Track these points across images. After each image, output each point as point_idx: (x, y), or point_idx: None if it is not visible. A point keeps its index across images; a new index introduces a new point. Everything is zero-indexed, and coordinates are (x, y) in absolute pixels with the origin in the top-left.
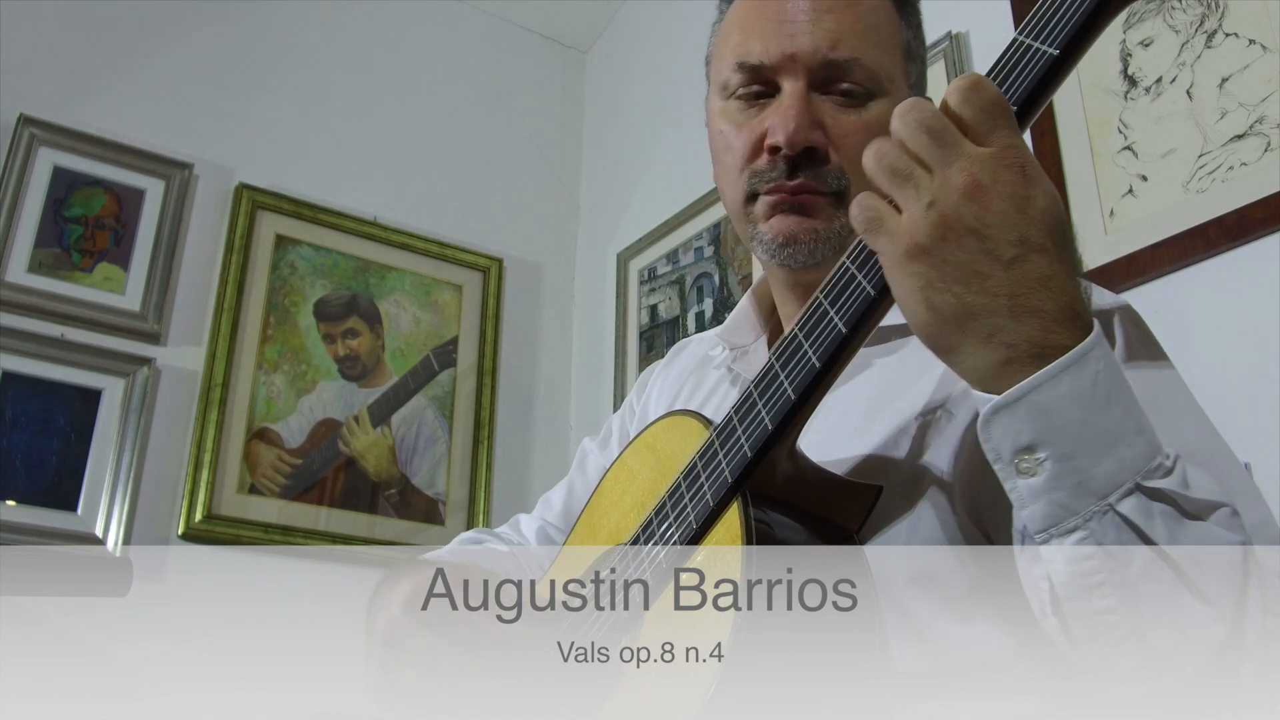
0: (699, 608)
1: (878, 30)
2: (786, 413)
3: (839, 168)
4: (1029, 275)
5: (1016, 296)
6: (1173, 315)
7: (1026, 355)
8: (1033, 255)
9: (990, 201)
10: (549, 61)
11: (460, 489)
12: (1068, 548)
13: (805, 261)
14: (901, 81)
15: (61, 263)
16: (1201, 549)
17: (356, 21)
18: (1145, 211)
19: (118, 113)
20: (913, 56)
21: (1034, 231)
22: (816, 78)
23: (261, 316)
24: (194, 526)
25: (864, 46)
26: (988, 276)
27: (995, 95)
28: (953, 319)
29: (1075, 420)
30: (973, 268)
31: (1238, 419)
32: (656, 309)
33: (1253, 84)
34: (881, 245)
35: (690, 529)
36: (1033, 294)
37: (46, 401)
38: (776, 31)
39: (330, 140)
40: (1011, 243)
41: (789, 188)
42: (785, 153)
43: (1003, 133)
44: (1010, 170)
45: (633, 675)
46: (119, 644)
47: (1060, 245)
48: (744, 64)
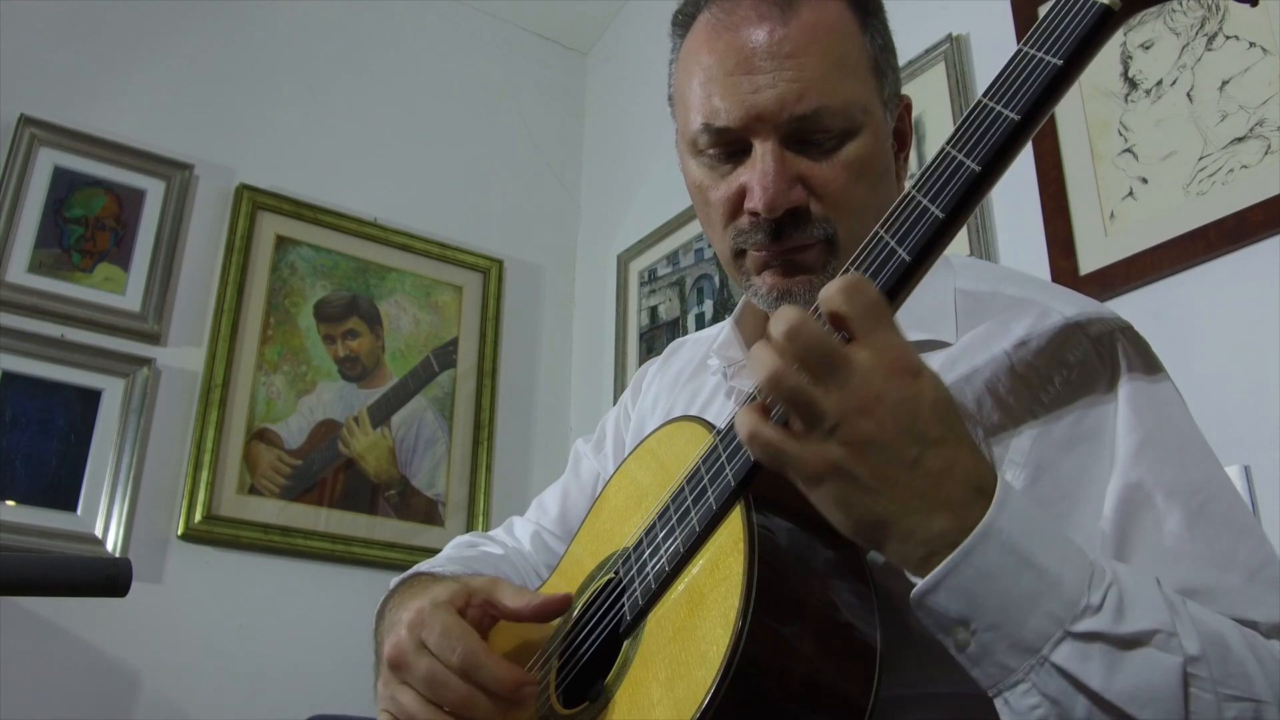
0: (702, 610)
1: (842, 63)
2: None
3: (824, 217)
4: (932, 471)
5: (924, 496)
6: (1173, 317)
7: (945, 546)
8: (931, 450)
9: (884, 413)
10: (550, 63)
11: (460, 490)
12: (1015, 701)
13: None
14: (875, 103)
15: (62, 263)
16: (1137, 684)
17: (357, 22)
18: (1145, 214)
19: (118, 113)
20: (882, 72)
21: (929, 427)
22: (786, 134)
23: (261, 317)
24: (194, 527)
25: (831, 88)
26: (894, 482)
27: (875, 297)
28: (872, 526)
29: (993, 594)
30: (879, 477)
31: (1237, 421)
32: (657, 310)
33: (1253, 87)
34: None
35: (693, 532)
36: (939, 489)
37: (46, 402)
38: (739, 89)
39: (331, 141)
40: (910, 444)
41: (774, 248)
42: (766, 218)
43: (883, 334)
44: (896, 376)
45: (635, 680)
46: (119, 644)
47: (954, 429)
48: (710, 126)
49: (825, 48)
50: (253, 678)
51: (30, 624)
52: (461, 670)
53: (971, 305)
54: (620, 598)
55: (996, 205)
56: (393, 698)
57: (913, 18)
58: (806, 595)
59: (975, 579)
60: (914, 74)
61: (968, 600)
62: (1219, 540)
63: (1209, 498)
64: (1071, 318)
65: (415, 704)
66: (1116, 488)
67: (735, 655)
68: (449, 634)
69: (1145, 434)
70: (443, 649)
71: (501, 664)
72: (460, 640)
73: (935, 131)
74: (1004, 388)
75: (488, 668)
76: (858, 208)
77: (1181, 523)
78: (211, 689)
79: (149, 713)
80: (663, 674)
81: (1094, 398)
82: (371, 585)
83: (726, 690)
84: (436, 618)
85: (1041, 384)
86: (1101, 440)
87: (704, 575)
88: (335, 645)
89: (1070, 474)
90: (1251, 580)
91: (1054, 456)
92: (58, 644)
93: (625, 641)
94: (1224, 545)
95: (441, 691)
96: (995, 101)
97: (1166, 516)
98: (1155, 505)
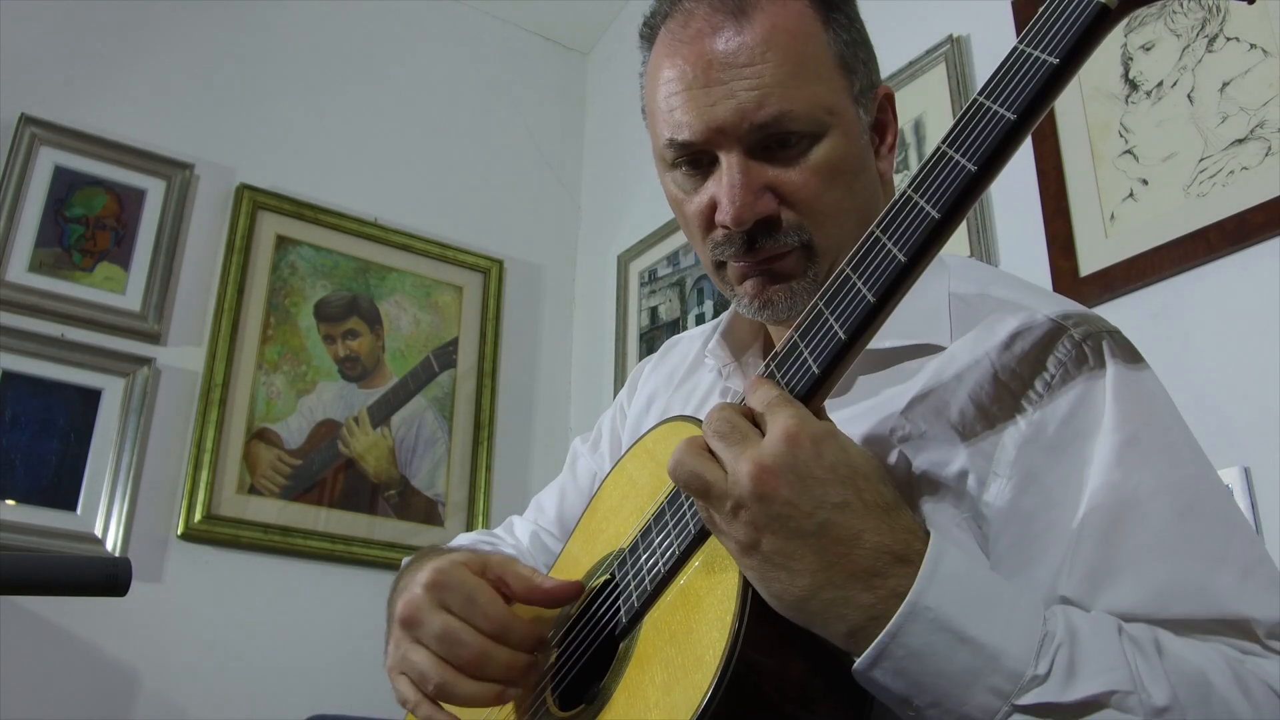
0: (698, 613)
1: (803, 65)
2: None
3: (797, 224)
4: (838, 540)
5: (834, 566)
6: (1173, 319)
7: (865, 619)
8: (834, 517)
9: (777, 483)
10: (550, 63)
11: (460, 490)
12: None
13: (786, 316)
14: (844, 101)
15: (62, 262)
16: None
17: (358, 22)
18: (1146, 215)
19: (119, 113)
20: (851, 68)
21: (828, 491)
22: (750, 143)
23: (262, 317)
24: (193, 527)
25: (792, 92)
26: (800, 557)
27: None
28: (792, 605)
29: (928, 672)
30: (785, 552)
31: (1237, 422)
32: (657, 311)
33: (1254, 88)
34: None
35: (689, 535)
36: (847, 559)
37: (46, 401)
38: (699, 102)
39: (331, 141)
40: (809, 513)
41: (750, 259)
42: (735, 230)
43: (779, 408)
44: (788, 441)
45: (631, 682)
46: (118, 644)
47: (860, 491)
48: (674, 140)
49: (784, 52)
50: (252, 677)
51: (30, 623)
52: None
53: (963, 309)
54: (616, 600)
55: (997, 206)
56: (405, 656)
57: (913, 18)
58: None
59: (907, 659)
60: (914, 74)
61: (905, 680)
62: (1209, 537)
63: (1198, 496)
64: (1057, 320)
65: (428, 661)
66: (1103, 486)
67: (732, 658)
68: (475, 598)
69: (1132, 432)
70: (470, 611)
71: (527, 624)
72: (489, 604)
73: (935, 132)
74: (988, 394)
75: (516, 629)
76: (832, 211)
77: (1170, 520)
78: (211, 688)
79: (148, 712)
80: (659, 677)
81: (1081, 400)
82: (371, 585)
83: (724, 693)
84: (460, 580)
85: (1026, 388)
86: (1090, 443)
87: (700, 578)
88: (335, 645)
89: (1059, 481)
90: (1245, 578)
91: (1042, 463)
92: (57, 643)
93: (621, 644)
94: (1215, 542)
95: (455, 648)
96: (991, 100)
97: (1154, 514)
98: (1141, 503)
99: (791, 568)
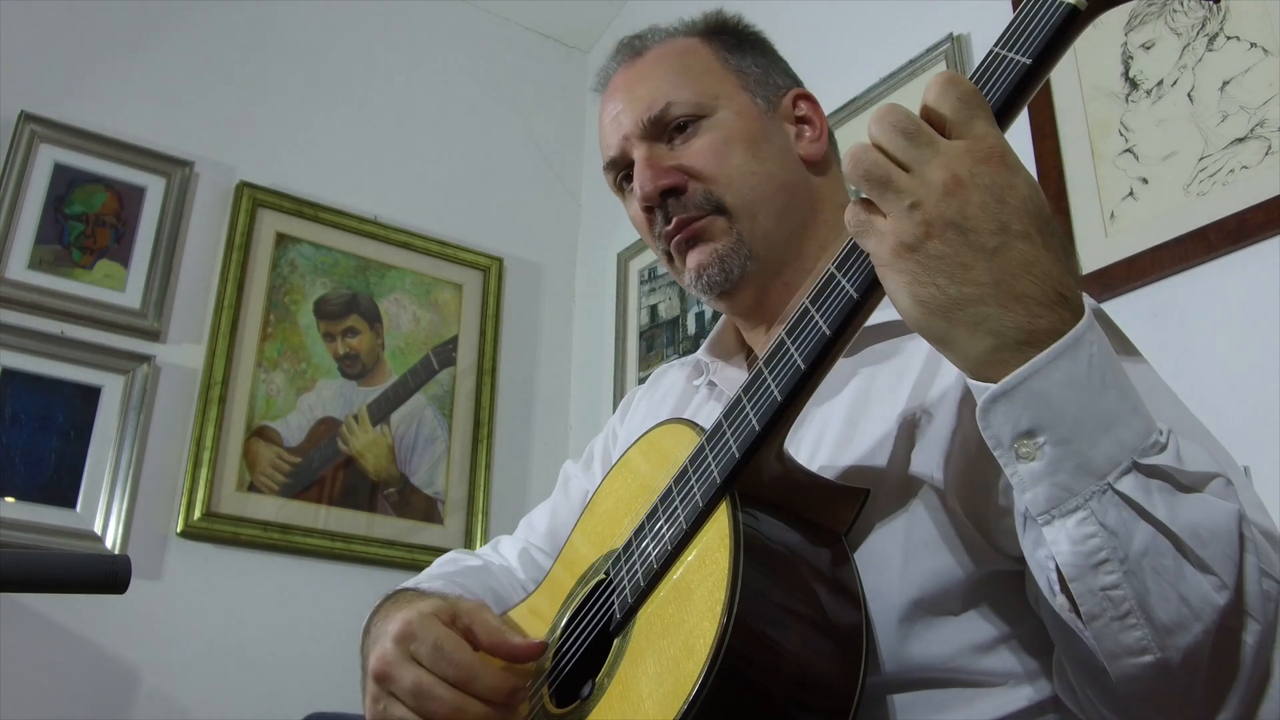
0: (689, 606)
1: (685, 68)
2: (773, 414)
3: (704, 190)
4: (1012, 263)
5: (1001, 285)
6: (1172, 318)
7: (1014, 342)
8: (1015, 243)
9: (969, 195)
10: (550, 61)
11: (459, 488)
12: (1070, 528)
13: (724, 281)
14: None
15: (62, 260)
16: (1199, 520)
17: (358, 20)
18: (1146, 214)
19: (119, 110)
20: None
21: (1015, 219)
22: (649, 135)
23: (261, 314)
24: (193, 524)
25: (673, 89)
26: (971, 267)
27: (969, 88)
28: (939, 310)
29: (1072, 405)
30: (957, 260)
31: (1237, 421)
32: (657, 309)
33: (1254, 87)
34: (871, 246)
35: (680, 530)
36: (1017, 281)
37: (46, 399)
38: (612, 127)
39: (331, 139)
40: (993, 232)
41: (670, 231)
42: (649, 205)
43: (979, 124)
44: (988, 162)
45: (625, 676)
46: (118, 641)
47: (1044, 231)
48: (608, 162)
49: (668, 64)
50: (251, 675)
51: (29, 621)
52: (458, 681)
53: None
54: (611, 597)
55: None
56: (385, 712)
57: (913, 18)
58: (792, 588)
59: (1060, 385)
60: (914, 74)
61: (1045, 408)
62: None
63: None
64: None
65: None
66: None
67: (722, 648)
68: (441, 646)
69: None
70: (436, 661)
71: (496, 672)
72: (454, 652)
73: None
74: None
75: (483, 678)
76: (735, 175)
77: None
78: (210, 686)
79: (148, 710)
80: (652, 669)
81: None
82: (371, 583)
83: (713, 682)
84: (427, 629)
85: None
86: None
87: (691, 572)
88: (334, 643)
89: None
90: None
91: None
92: (57, 641)
93: (616, 639)
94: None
95: (428, 703)
96: None
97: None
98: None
99: (955, 277)
